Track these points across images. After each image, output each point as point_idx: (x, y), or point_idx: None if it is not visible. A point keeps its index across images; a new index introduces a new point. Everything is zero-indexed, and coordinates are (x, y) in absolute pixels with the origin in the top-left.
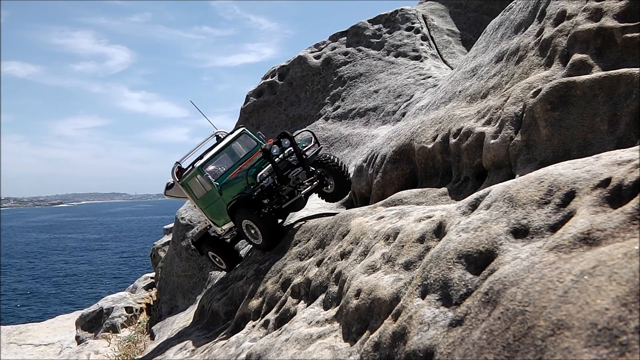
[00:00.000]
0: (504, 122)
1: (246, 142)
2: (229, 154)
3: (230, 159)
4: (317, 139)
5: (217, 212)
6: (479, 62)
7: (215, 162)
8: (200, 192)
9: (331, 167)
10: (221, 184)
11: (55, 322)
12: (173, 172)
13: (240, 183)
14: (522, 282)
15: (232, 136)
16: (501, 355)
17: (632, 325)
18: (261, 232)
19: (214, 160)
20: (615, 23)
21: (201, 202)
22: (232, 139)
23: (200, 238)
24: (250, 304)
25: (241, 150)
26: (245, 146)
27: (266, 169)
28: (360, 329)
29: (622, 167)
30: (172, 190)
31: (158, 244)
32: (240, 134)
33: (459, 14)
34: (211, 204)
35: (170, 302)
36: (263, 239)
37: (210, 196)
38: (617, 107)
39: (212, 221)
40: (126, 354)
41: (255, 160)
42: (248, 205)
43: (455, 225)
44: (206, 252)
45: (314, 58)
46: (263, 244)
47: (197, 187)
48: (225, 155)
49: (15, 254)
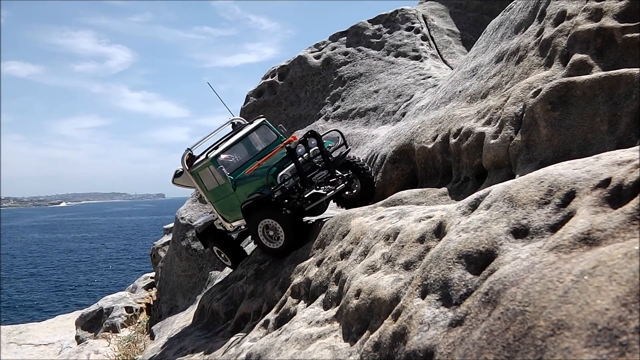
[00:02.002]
0: (504, 122)
1: (265, 134)
2: (246, 145)
3: (247, 151)
4: (345, 140)
5: (228, 207)
6: (479, 62)
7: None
8: (212, 185)
9: (360, 170)
10: (236, 178)
11: (55, 322)
12: (183, 159)
13: (257, 181)
14: (522, 282)
15: (250, 127)
16: (501, 355)
17: (632, 325)
18: (285, 234)
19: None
20: (615, 23)
21: (211, 194)
22: (250, 129)
23: (206, 230)
24: (250, 304)
25: (258, 142)
26: (264, 139)
27: (288, 169)
28: (360, 329)
29: (622, 167)
30: (181, 179)
31: (158, 244)
32: (260, 125)
33: (459, 14)
34: (222, 199)
35: (170, 302)
36: (285, 242)
37: (222, 190)
38: (617, 107)
39: (221, 216)
40: (126, 354)
41: (276, 157)
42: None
43: (455, 226)
44: (211, 246)
45: (314, 58)
46: (282, 248)
47: (209, 178)
48: (241, 146)
49: (15, 254)
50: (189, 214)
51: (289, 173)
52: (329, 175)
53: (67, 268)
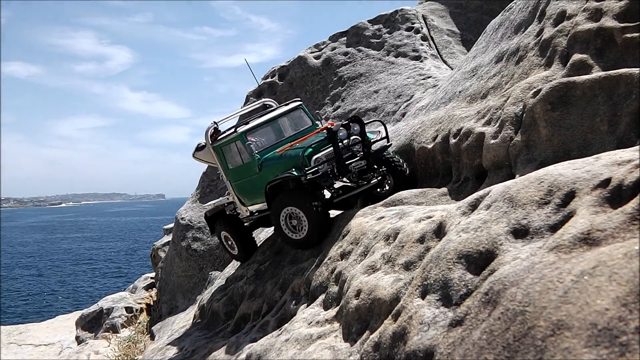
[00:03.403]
0: (504, 122)
1: (297, 120)
2: (274, 128)
3: (274, 135)
4: (387, 133)
5: (249, 189)
6: (479, 62)
7: (257, 134)
8: (235, 162)
9: (395, 167)
10: (263, 158)
11: (55, 322)
12: (207, 133)
13: (287, 162)
14: (522, 283)
15: (286, 108)
16: (501, 355)
17: (632, 325)
18: (309, 226)
19: (256, 131)
20: (615, 23)
21: (232, 173)
22: (286, 111)
23: (215, 214)
24: (250, 304)
25: (287, 128)
26: (294, 124)
27: (324, 153)
28: (360, 329)
29: (622, 167)
30: (202, 153)
31: (158, 244)
32: (296, 109)
33: (459, 14)
34: (243, 179)
35: (170, 302)
36: (308, 234)
37: (245, 169)
38: (617, 107)
39: (238, 198)
40: (126, 354)
41: (310, 141)
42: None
43: (455, 226)
44: (219, 231)
45: (314, 58)
46: (303, 240)
47: (233, 155)
48: (269, 129)
49: (15, 254)
50: (189, 215)
51: (325, 157)
52: (366, 167)
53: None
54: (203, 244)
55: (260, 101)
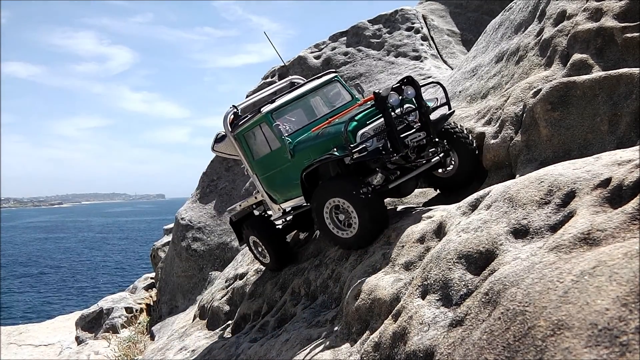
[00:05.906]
0: (504, 122)
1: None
2: (305, 107)
3: (305, 115)
4: (448, 99)
5: (280, 182)
6: (479, 62)
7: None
8: (261, 151)
9: (460, 141)
10: (295, 141)
11: (55, 323)
12: (226, 120)
13: (327, 142)
14: (523, 283)
15: (319, 81)
16: (501, 355)
17: (632, 325)
18: (359, 220)
19: (284, 110)
20: (615, 23)
21: (258, 165)
22: (318, 85)
23: (242, 217)
24: (251, 304)
25: (321, 105)
26: (329, 102)
27: (372, 127)
28: (361, 329)
29: (622, 167)
30: (222, 145)
31: (158, 244)
32: (330, 81)
33: (459, 14)
34: (273, 170)
35: (170, 303)
36: (358, 231)
37: (274, 158)
38: (617, 107)
39: (268, 194)
40: (126, 355)
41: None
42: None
43: (455, 226)
44: (247, 236)
45: (314, 58)
46: (352, 238)
47: (259, 141)
48: (299, 109)
49: (15, 254)
50: (189, 215)
51: (372, 131)
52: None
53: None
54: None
55: (287, 79)
